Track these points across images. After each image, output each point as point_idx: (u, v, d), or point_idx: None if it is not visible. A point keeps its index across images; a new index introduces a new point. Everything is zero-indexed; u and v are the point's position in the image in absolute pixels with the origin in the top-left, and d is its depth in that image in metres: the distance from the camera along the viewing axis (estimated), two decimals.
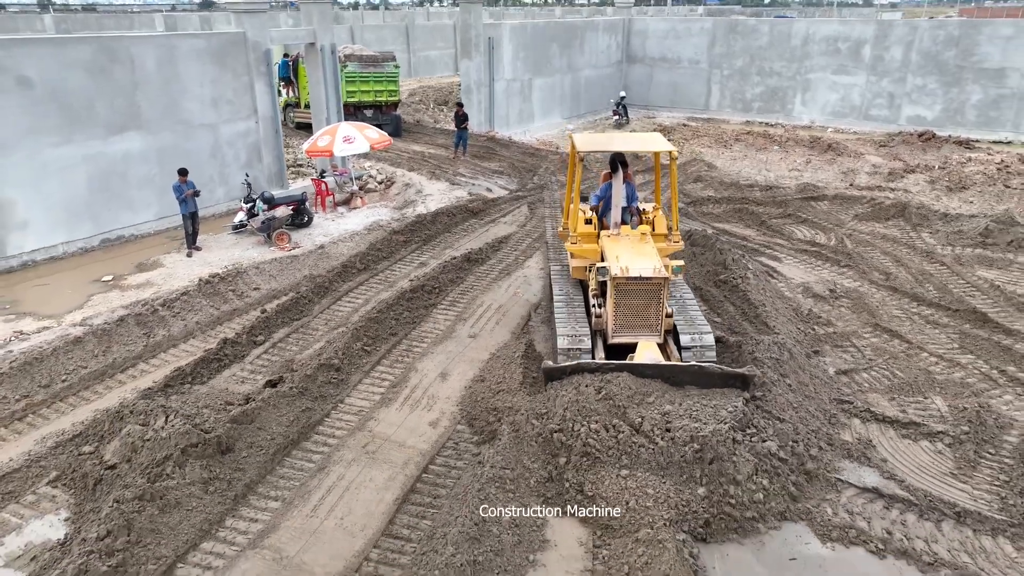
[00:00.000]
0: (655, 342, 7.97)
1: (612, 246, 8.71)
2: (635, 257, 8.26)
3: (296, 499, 6.70)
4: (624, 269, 7.92)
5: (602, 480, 6.44)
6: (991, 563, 5.97)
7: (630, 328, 8.11)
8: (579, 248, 9.35)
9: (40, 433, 7.72)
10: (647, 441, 6.50)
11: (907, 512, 6.55)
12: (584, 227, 9.46)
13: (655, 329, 8.12)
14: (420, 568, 5.67)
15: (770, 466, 6.53)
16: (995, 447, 7.41)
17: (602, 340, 8.38)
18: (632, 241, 8.86)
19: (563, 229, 10.34)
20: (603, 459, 6.50)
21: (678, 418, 6.63)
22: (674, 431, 6.50)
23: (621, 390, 6.89)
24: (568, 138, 10.31)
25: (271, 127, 17.06)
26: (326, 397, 8.22)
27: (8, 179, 12.67)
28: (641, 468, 6.42)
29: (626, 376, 7.04)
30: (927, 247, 13.12)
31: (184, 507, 6.33)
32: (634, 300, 7.99)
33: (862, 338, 9.84)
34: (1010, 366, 9.04)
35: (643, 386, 6.99)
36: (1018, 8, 62.45)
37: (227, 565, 5.92)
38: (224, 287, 10.95)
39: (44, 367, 8.77)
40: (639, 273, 7.86)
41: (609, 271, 7.98)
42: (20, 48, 12.78)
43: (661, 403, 6.81)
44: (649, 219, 9.57)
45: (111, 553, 5.74)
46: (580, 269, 9.48)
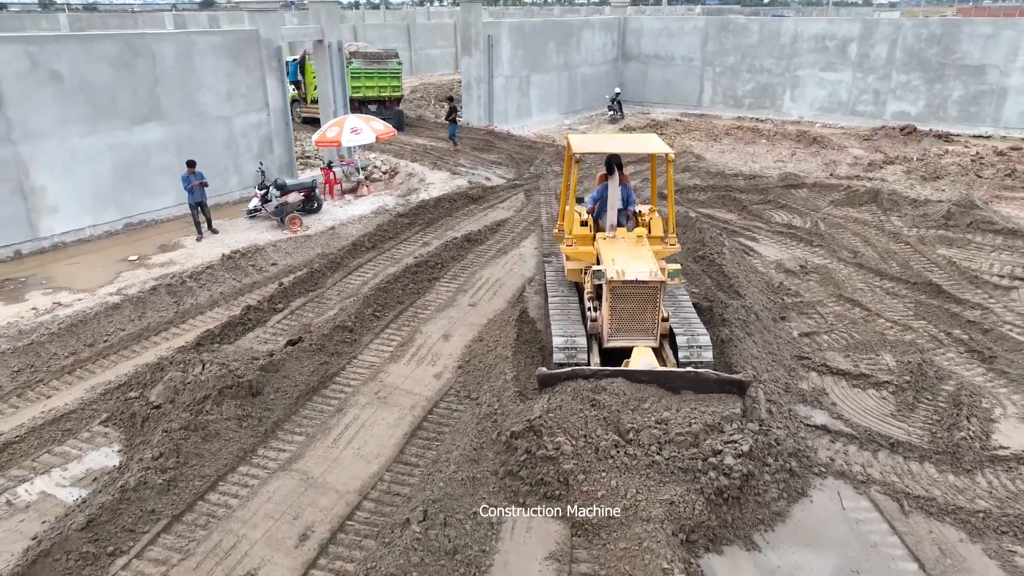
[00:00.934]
0: (651, 347, 7.95)
1: (608, 249, 8.60)
2: (631, 260, 8.16)
3: (318, 434, 7.70)
4: (620, 272, 7.85)
5: (590, 483, 6.38)
6: (916, 482, 6.96)
7: (626, 332, 8.06)
8: (575, 251, 9.24)
9: (88, 384, 8.71)
10: (638, 451, 6.46)
11: (849, 444, 7.55)
12: (580, 229, 9.36)
13: (651, 333, 8.06)
14: (426, 483, 6.67)
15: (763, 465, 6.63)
16: (932, 394, 8.40)
17: (598, 344, 8.29)
18: (628, 244, 8.76)
19: (558, 231, 10.31)
20: (580, 467, 6.44)
21: (677, 426, 6.59)
22: (673, 441, 6.48)
23: (614, 397, 6.88)
24: (565, 138, 10.29)
25: (282, 119, 18.05)
26: (341, 354, 9.22)
27: (41, 166, 13.65)
28: (631, 475, 6.34)
29: (620, 382, 7.04)
30: (894, 229, 14.11)
31: (222, 438, 7.33)
32: (630, 304, 7.93)
33: (826, 306, 10.84)
34: (956, 329, 10.03)
35: (638, 391, 6.96)
36: (1015, 8, 63.30)
37: (261, 483, 6.92)
38: (245, 262, 11.96)
39: (88, 329, 9.78)
40: (635, 276, 7.79)
41: (605, 274, 7.90)
42: (52, 44, 13.76)
43: (658, 409, 6.81)
44: (645, 221, 9.45)
45: (164, 470, 6.73)
46: (576, 271, 9.42)
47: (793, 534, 6.30)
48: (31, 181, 13.56)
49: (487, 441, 7.21)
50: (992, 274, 11.84)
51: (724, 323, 9.24)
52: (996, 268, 12.10)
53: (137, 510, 6.36)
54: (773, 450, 6.88)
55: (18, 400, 8.40)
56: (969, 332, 9.91)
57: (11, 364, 8.92)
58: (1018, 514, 6.44)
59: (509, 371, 8.36)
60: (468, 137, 23.48)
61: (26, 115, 13.27)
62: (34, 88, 13.34)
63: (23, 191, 13.49)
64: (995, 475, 7.04)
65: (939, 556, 6.05)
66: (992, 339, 9.66)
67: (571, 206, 9.52)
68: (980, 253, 12.75)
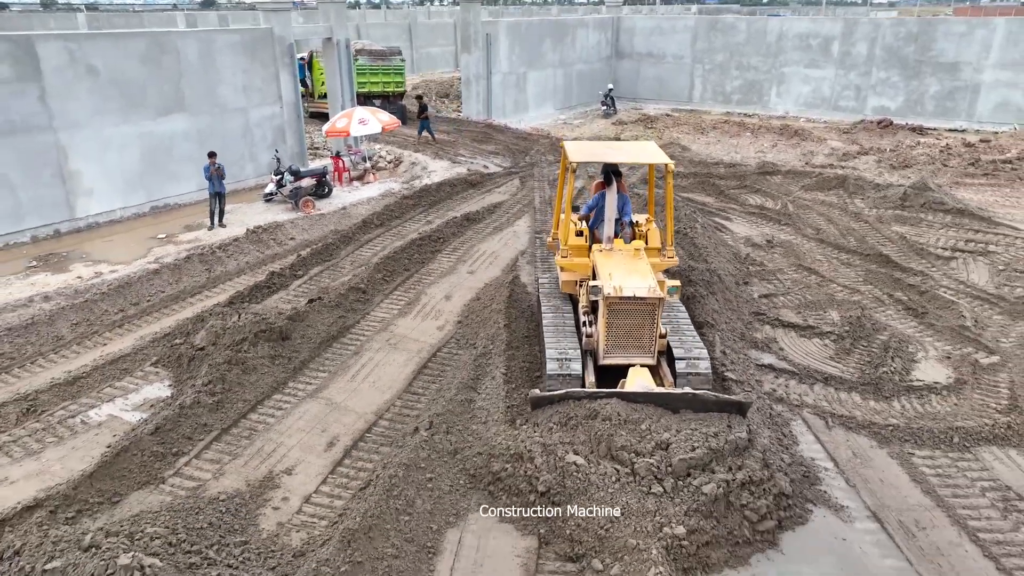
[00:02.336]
0: (648, 365, 7.69)
1: (605, 262, 8.27)
2: (629, 275, 7.85)
3: (339, 371, 9.04)
4: (617, 289, 7.53)
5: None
6: (841, 406, 8.31)
7: (622, 349, 7.76)
8: (569, 262, 8.94)
9: (137, 334, 10.05)
10: (638, 484, 6.27)
11: (791, 380, 8.89)
12: (575, 240, 9.05)
13: (648, 351, 7.76)
14: (432, 405, 8.01)
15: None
16: (867, 342, 9.74)
17: (593, 360, 7.97)
18: (625, 257, 8.41)
19: (552, 239, 10.00)
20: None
21: (679, 450, 6.34)
22: (675, 468, 6.27)
23: (608, 422, 6.67)
24: (560, 145, 9.91)
25: (294, 112, 19.39)
26: (355, 310, 10.56)
27: (78, 152, 14.99)
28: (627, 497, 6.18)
29: (616, 403, 6.80)
30: (856, 210, 15.45)
31: (259, 372, 8.68)
32: (627, 321, 7.63)
33: (785, 274, 12.18)
34: (897, 292, 11.37)
35: (634, 412, 6.73)
36: (1011, 7, 64.51)
37: (293, 407, 8.26)
38: (267, 236, 13.33)
39: (132, 290, 11.13)
40: (633, 293, 7.48)
41: (602, 290, 7.55)
42: (89, 41, 15.10)
43: (656, 430, 6.58)
44: (642, 232, 9.18)
45: (213, 394, 8.08)
46: (570, 283, 9.11)
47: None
48: (69, 166, 14.90)
49: (482, 375, 8.56)
50: (937, 247, 13.19)
51: (690, 283, 10.58)
52: (941, 242, 13.45)
53: (193, 423, 7.70)
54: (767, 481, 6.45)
55: (78, 347, 9.74)
56: (908, 294, 11.25)
57: (70, 318, 10.27)
58: (920, 427, 7.78)
59: (502, 321, 9.71)
60: (467, 130, 24.81)
61: (66, 105, 14.60)
62: (73, 81, 14.67)
63: (62, 175, 14.82)
64: (908, 401, 8.39)
65: (851, 457, 7.40)
66: (927, 299, 11.00)
67: (567, 216, 9.04)
68: (929, 230, 14.09)
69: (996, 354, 9.33)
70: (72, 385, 8.66)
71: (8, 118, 13.80)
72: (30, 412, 8.12)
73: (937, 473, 7.14)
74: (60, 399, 8.41)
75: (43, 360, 9.36)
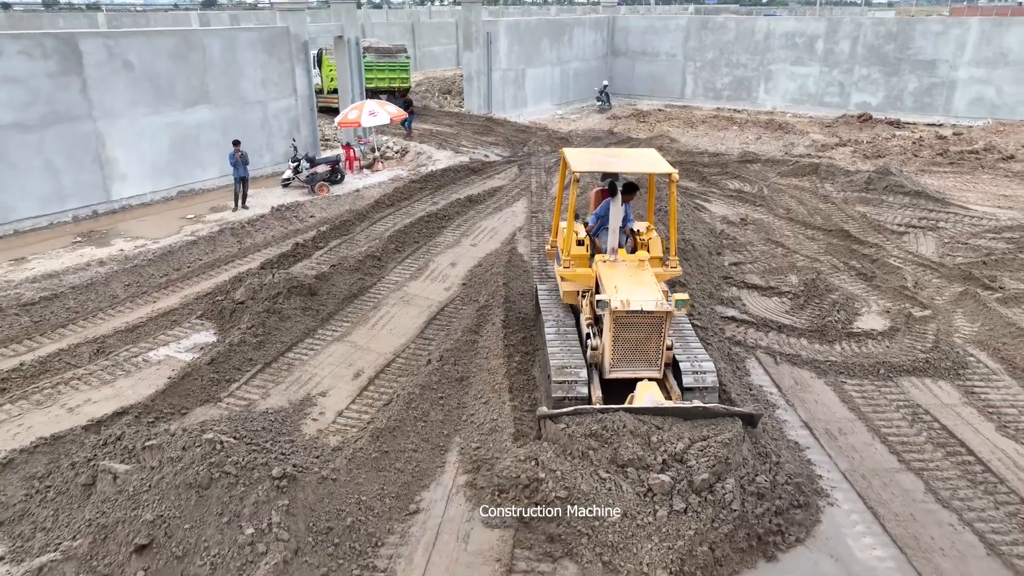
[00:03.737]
0: (655, 378, 7.58)
1: (609, 274, 8.10)
2: (635, 288, 7.71)
3: (360, 321, 10.49)
4: (624, 302, 7.38)
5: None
6: (790, 348, 9.75)
7: (629, 363, 7.64)
8: (571, 272, 8.70)
9: (182, 294, 11.50)
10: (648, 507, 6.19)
11: (749, 328, 10.33)
12: (577, 249, 8.85)
13: (655, 364, 7.63)
14: (440, 345, 9.45)
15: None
16: (819, 300, 11.18)
17: (598, 373, 7.84)
18: (630, 269, 8.25)
19: (551, 247, 9.90)
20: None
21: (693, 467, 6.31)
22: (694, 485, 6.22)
23: (617, 434, 6.59)
24: (560, 152, 9.47)
25: (307, 105, 20.82)
26: (372, 274, 12.01)
27: (114, 140, 16.42)
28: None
29: (624, 415, 6.74)
30: (825, 193, 16.90)
31: (292, 320, 10.12)
32: (634, 334, 7.49)
33: (755, 246, 13.62)
34: (853, 261, 12.81)
35: (642, 425, 6.67)
36: (1007, 7, 65.83)
37: (323, 347, 9.71)
38: (289, 214, 14.79)
39: (173, 258, 12.58)
40: (640, 307, 7.33)
41: (609, 304, 7.36)
42: (125, 39, 16.54)
43: (670, 439, 6.57)
44: (643, 241, 9.02)
45: (255, 336, 9.53)
46: (572, 294, 8.90)
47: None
48: (106, 152, 16.34)
49: (483, 322, 10.01)
50: (893, 224, 14.64)
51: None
52: (897, 219, 14.90)
53: (240, 358, 9.15)
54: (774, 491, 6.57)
55: (131, 304, 11.18)
56: (861, 262, 12.70)
57: (123, 280, 11.71)
58: (854, 363, 9.22)
59: (501, 281, 11.17)
60: (469, 123, 26.25)
61: (104, 97, 16.03)
62: (110, 75, 16.10)
63: (100, 161, 16.26)
64: (847, 344, 9.84)
65: (793, 384, 8.85)
66: (877, 266, 12.45)
67: (568, 225, 8.78)
68: (888, 209, 15.54)
69: (929, 309, 10.78)
70: (132, 332, 10.11)
71: (54, 108, 15.23)
72: (99, 352, 9.56)
73: (862, 396, 8.59)
74: (123, 343, 9.85)
75: (103, 313, 10.81)
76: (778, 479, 6.61)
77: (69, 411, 8.16)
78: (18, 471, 6.85)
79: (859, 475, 7.19)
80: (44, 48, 14.98)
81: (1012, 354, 9.36)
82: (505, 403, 8.00)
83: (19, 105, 14.62)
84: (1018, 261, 12.30)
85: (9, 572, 5.84)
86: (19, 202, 14.91)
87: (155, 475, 6.21)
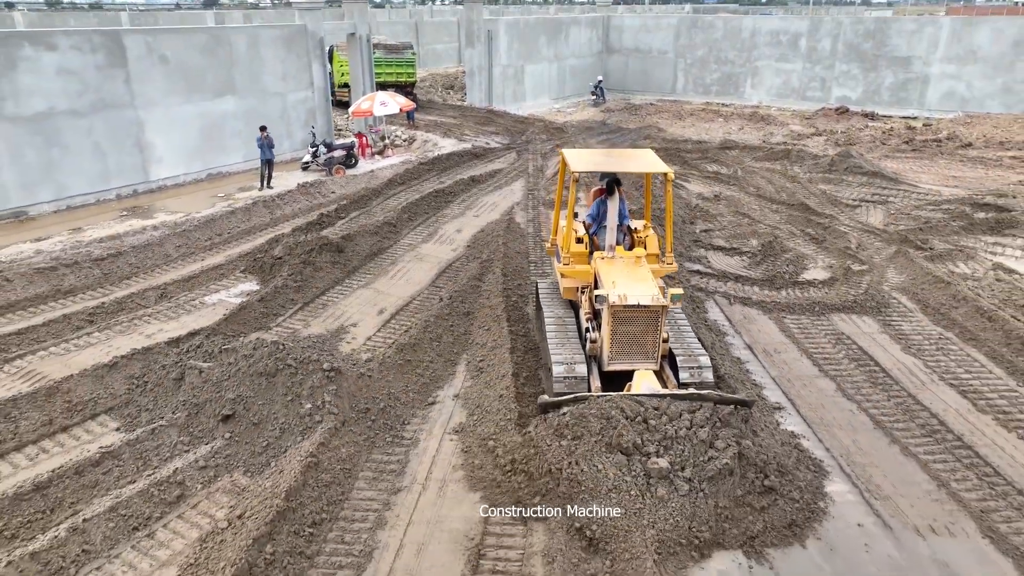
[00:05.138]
0: (652, 370, 7.83)
1: (607, 269, 8.41)
2: (632, 283, 8.00)
3: (381, 273, 12.34)
4: (622, 297, 7.66)
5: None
6: (743, 293, 11.59)
7: (627, 356, 7.91)
8: (571, 269, 8.98)
9: (226, 254, 13.34)
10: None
11: (711, 279, 12.16)
12: (576, 247, 9.13)
13: (652, 357, 7.92)
14: (449, 288, 11.29)
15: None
16: (774, 258, 13.01)
17: (597, 366, 8.13)
18: (627, 265, 8.55)
19: (551, 246, 10.13)
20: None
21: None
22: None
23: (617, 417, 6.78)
24: (559, 153, 9.80)
25: (323, 96, 22.66)
26: (389, 238, 13.87)
27: (152, 126, 18.25)
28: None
29: (623, 400, 6.96)
30: (793, 174, 18.73)
31: (324, 271, 11.97)
32: (632, 328, 7.78)
33: (724, 217, 15.45)
34: (808, 229, 14.64)
35: (639, 407, 6.88)
36: (1002, 7, 67.48)
37: (351, 292, 11.56)
38: (313, 190, 16.67)
39: (215, 226, 14.43)
40: (637, 301, 7.63)
41: (607, 299, 7.67)
42: (162, 35, 18.38)
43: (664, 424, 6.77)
44: (641, 239, 9.30)
45: (295, 282, 11.38)
46: (571, 290, 9.13)
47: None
48: (145, 137, 18.17)
49: (486, 272, 11.85)
50: (848, 199, 16.49)
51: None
52: (853, 195, 16.76)
53: (283, 298, 11.00)
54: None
55: (183, 261, 13.02)
56: (815, 230, 14.53)
57: (174, 242, 13.56)
58: (795, 303, 11.06)
59: (501, 241, 13.01)
60: (471, 115, 28.10)
61: (144, 88, 17.87)
62: (149, 67, 17.94)
63: (140, 145, 18.10)
64: (792, 290, 11.68)
65: (741, 318, 10.69)
66: (828, 232, 14.28)
67: (568, 223, 9.15)
68: (847, 187, 17.39)
69: (866, 264, 12.61)
70: (187, 282, 11.96)
71: (101, 97, 17.06)
72: (163, 297, 11.41)
73: (798, 327, 10.44)
74: (181, 290, 11.70)
75: (160, 268, 12.66)
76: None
77: (148, 336, 10.01)
78: (120, 371, 8.70)
79: (785, 379, 9.04)
80: (93, 43, 16.81)
81: (927, 297, 11.20)
82: (504, 328, 9.84)
83: (73, 94, 16.45)
84: (949, 228, 14.15)
85: (124, 437, 7.67)
86: (72, 180, 16.74)
87: (233, 368, 8.07)
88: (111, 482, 6.97)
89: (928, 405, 8.40)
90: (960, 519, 6.62)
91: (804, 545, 6.31)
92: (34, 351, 9.58)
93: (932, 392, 8.70)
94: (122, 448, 7.34)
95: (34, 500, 6.61)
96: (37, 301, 11.06)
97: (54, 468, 6.99)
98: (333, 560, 6.13)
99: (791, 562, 6.15)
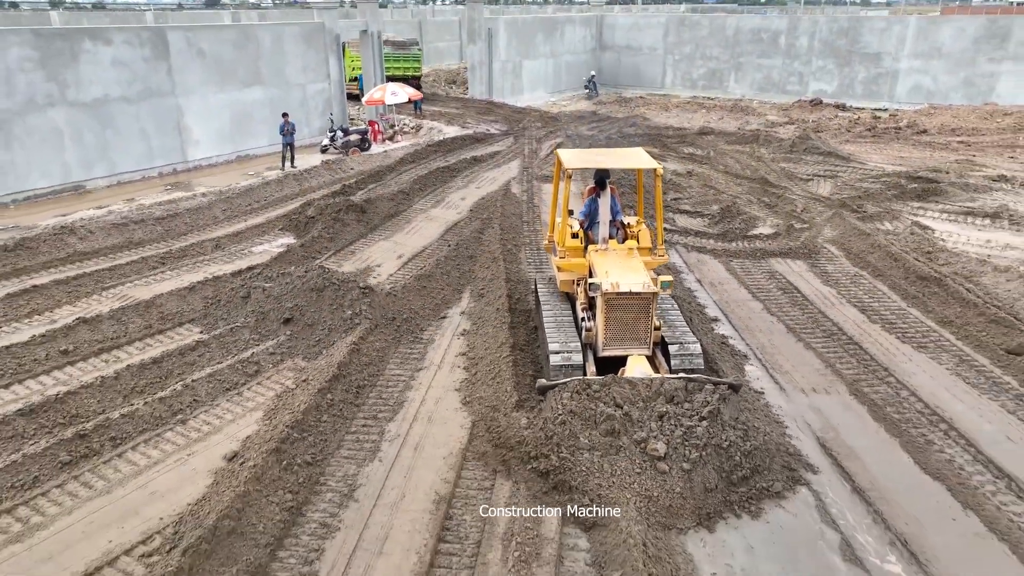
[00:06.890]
0: (644, 355, 8.16)
1: (601, 261, 8.78)
2: (624, 272, 8.37)
3: (398, 229, 14.68)
4: (614, 285, 8.02)
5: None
6: (701, 245, 13.92)
7: (620, 342, 8.26)
8: (567, 263, 9.36)
9: (265, 216, 15.68)
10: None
11: (674, 234, 14.49)
12: (571, 241, 9.51)
13: (644, 342, 8.26)
14: (455, 240, 13.63)
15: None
16: (730, 219, 15.34)
17: (593, 353, 8.46)
18: (620, 256, 8.95)
19: (548, 242, 10.41)
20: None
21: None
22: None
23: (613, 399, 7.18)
24: (555, 153, 10.21)
25: (338, 88, 25.00)
26: (403, 203, 16.22)
27: (190, 112, 20.58)
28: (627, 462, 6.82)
29: (616, 384, 7.34)
30: (759, 155, 21.06)
31: (350, 228, 14.31)
32: (624, 315, 8.14)
33: (693, 189, 17.79)
34: (764, 198, 16.97)
35: (635, 392, 7.27)
36: (996, 7, 69.58)
37: (374, 243, 13.91)
38: (335, 166, 19.03)
39: (254, 193, 16.78)
40: (629, 288, 7.99)
41: (600, 287, 8.03)
42: (200, 31, 20.73)
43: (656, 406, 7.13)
44: (633, 233, 9.66)
45: (328, 233, 13.73)
46: (568, 283, 9.53)
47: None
48: (184, 122, 20.51)
49: (486, 228, 14.20)
50: (803, 174, 18.83)
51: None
52: (807, 171, 19.10)
53: (318, 246, 13.35)
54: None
55: (229, 222, 15.36)
56: (770, 198, 16.87)
57: (220, 207, 15.92)
58: (741, 251, 13.39)
59: (499, 205, 15.36)
60: (473, 106, 30.45)
61: (183, 78, 20.20)
62: (188, 60, 20.27)
63: (179, 129, 20.43)
64: (741, 243, 14.02)
65: (696, 262, 13.02)
66: (780, 200, 16.62)
67: (563, 220, 9.64)
68: (804, 165, 19.74)
69: (807, 223, 14.95)
70: (235, 236, 14.30)
71: (147, 86, 19.40)
72: (217, 247, 13.75)
73: (741, 268, 12.78)
74: (231, 242, 14.04)
75: (210, 227, 15.00)
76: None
77: (211, 274, 12.34)
78: (197, 293, 11.06)
79: (724, 302, 11.39)
80: (141, 38, 19.16)
81: (851, 246, 13.55)
82: (500, 266, 12.19)
83: (124, 82, 18.79)
84: (883, 196, 16.49)
85: (202, 335, 9.99)
86: (122, 159, 19.08)
87: (289, 286, 10.43)
88: (205, 361, 9.31)
89: (832, 318, 10.74)
90: (836, 384, 8.97)
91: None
92: (122, 283, 11.92)
93: (838, 310, 11.04)
94: (210, 340, 9.69)
95: (153, 369, 8.96)
96: (115, 249, 13.41)
97: (162, 352, 9.33)
98: (375, 408, 8.47)
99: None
